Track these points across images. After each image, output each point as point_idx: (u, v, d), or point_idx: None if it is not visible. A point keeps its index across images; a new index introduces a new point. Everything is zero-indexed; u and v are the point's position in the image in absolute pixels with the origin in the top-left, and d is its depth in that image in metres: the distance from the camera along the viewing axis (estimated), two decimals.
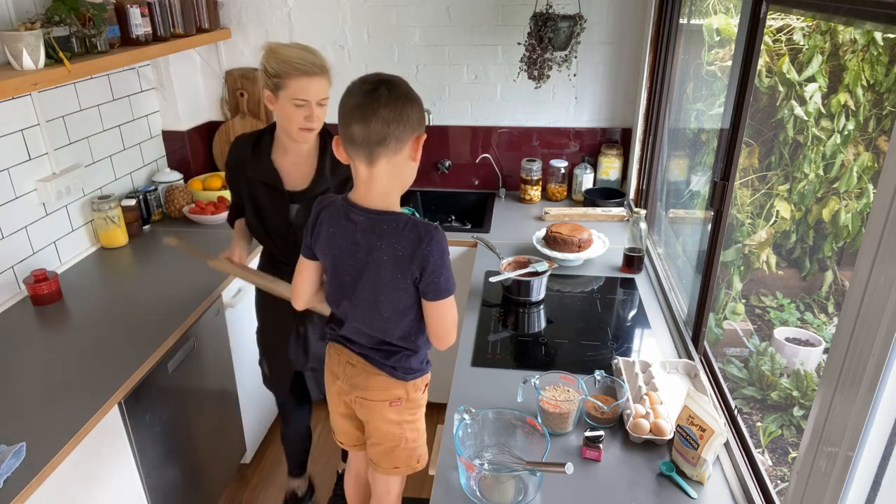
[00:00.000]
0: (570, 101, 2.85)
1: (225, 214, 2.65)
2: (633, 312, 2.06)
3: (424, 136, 1.34)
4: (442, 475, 1.40)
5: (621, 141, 2.89)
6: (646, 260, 2.32)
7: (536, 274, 2.09)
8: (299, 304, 1.58)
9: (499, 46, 2.78)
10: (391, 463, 1.63)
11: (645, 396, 1.53)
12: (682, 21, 2.31)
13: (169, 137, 2.85)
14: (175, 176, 2.76)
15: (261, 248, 1.96)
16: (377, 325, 1.45)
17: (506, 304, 2.09)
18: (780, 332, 2.82)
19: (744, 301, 3.00)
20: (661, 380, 1.63)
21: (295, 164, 1.80)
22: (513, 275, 2.08)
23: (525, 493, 1.34)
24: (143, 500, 1.82)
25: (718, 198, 1.62)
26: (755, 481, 1.33)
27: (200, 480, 2.14)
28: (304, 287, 1.55)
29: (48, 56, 1.87)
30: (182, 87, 2.81)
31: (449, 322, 1.43)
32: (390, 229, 1.34)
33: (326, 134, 1.79)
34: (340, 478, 2.41)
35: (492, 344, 1.87)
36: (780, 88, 2.59)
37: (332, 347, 1.60)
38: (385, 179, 1.32)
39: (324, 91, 1.67)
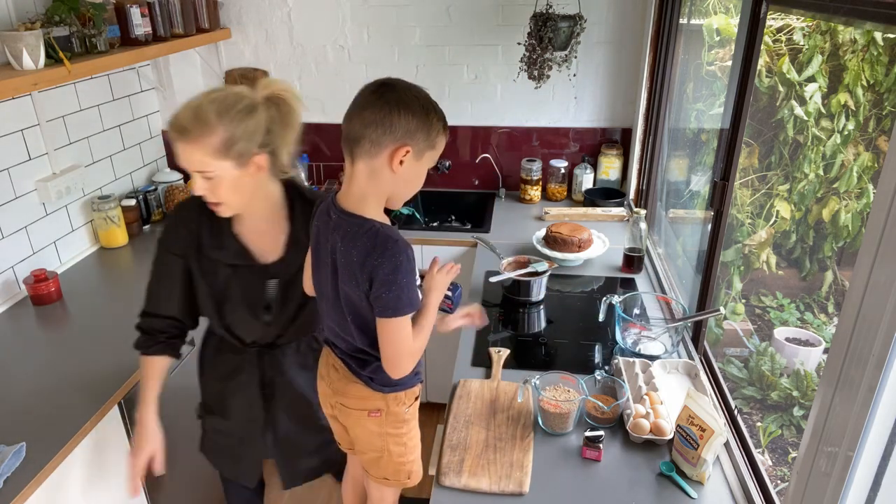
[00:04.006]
0: (570, 101, 2.85)
1: None
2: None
3: (408, 150, 1.24)
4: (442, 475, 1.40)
5: (621, 141, 2.89)
6: (646, 260, 2.32)
7: (536, 274, 2.09)
8: (306, 290, 1.56)
9: (499, 46, 2.78)
10: (379, 473, 1.59)
11: (645, 396, 1.53)
12: (682, 21, 2.31)
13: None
14: (175, 176, 2.76)
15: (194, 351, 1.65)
16: (346, 328, 1.41)
17: (506, 304, 2.09)
18: (780, 332, 2.82)
19: (744, 301, 3.00)
20: (661, 380, 1.63)
21: (258, 231, 1.53)
22: (513, 275, 2.08)
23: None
24: (143, 499, 1.82)
25: (718, 198, 1.62)
26: (755, 481, 1.33)
27: (200, 481, 2.14)
28: (308, 277, 1.53)
29: (48, 56, 1.87)
30: (182, 87, 2.81)
31: (399, 347, 1.31)
32: (351, 233, 1.29)
33: (293, 189, 1.54)
34: None
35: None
36: (780, 88, 2.59)
37: (324, 348, 1.60)
38: (362, 181, 1.28)
39: (196, 160, 1.33)
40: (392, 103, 1.22)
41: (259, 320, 1.57)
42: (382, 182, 1.28)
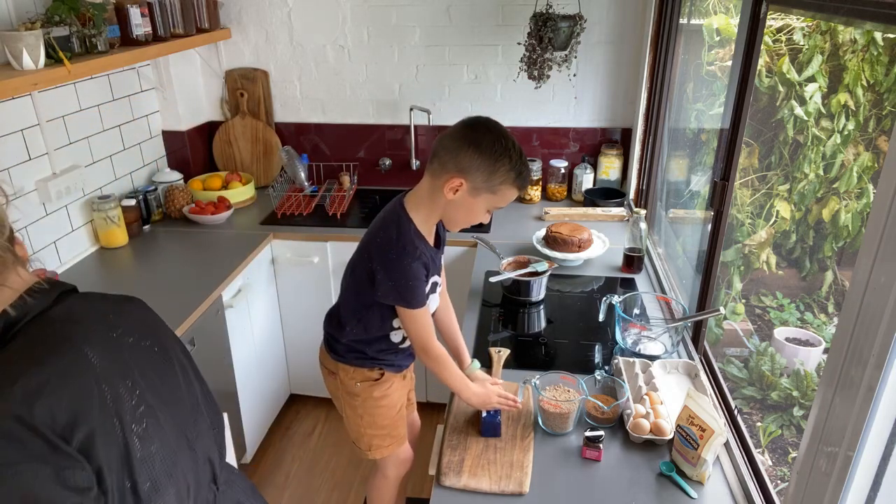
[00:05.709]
0: (570, 101, 2.85)
1: (225, 214, 2.66)
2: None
3: (462, 183, 1.38)
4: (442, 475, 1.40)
5: (621, 141, 2.89)
6: (646, 260, 2.32)
7: (536, 274, 2.09)
8: None
9: (499, 46, 2.78)
10: (349, 434, 1.75)
11: (645, 396, 1.53)
12: (682, 21, 2.31)
13: (169, 137, 2.85)
14: (175, 176, 2.76)
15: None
16: (343, 283, 1.61)
17: (506, 304, 2.09)
18: (780, 332, 2.82)
19: (744, 301, 3.00)
20: (661, 380, 1.63)
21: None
22: (513, 275, 2.08)
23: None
24: None
25: (718, 198, 1.62)
26: (755, 481, 1.33)
27: None
28: None
29: (48, 56, 1.87)
30: (182, 87, 2.81)
31: (408, 330, 1.52)
32: (390, 214, 1.48)
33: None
34: None
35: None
36: (780, 88, 2.59)
37: None
38: (423, 190, 1.46)
39: None
40: (469, 139, 1.38)
41: None
42: (437, 200, 1.44)
